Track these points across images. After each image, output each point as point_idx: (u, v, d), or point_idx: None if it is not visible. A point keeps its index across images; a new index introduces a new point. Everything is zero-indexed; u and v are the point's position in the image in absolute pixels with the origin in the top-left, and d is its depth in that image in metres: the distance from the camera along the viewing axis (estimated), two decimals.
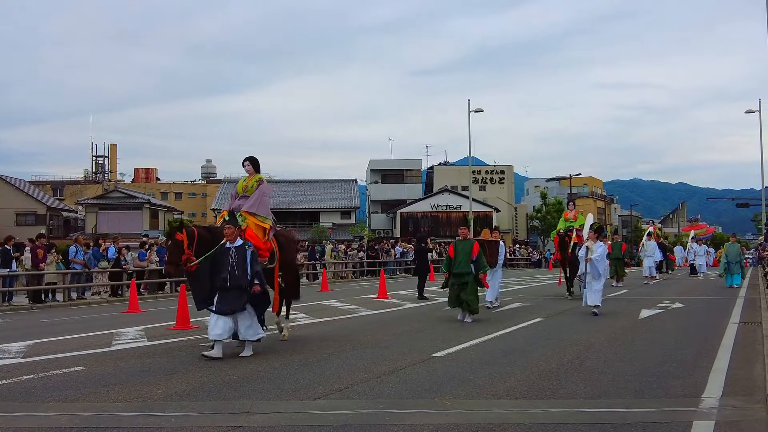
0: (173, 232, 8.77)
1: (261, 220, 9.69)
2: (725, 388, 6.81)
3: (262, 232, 9.64)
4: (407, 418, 5.66)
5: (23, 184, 60.77)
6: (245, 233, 9.29)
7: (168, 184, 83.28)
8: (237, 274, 8.62)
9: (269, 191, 10.17)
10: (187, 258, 8.70)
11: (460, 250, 12.92)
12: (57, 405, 6.30)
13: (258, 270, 8.81)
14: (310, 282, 29.26)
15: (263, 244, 9.55)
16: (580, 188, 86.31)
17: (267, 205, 9.92)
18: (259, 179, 10.01)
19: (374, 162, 69.72)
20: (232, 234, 8.80)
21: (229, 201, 10.11)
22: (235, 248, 8.76)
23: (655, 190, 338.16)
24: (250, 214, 9.65)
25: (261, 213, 9.73)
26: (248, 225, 9.51)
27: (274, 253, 9.79)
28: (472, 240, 13.39)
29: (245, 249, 8.79)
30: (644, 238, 27.74)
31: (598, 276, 13.75)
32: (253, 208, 9.68)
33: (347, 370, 7.83)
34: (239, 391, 6.82)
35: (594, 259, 13.70)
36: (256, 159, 10.16)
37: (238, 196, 9.95)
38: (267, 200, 9.96)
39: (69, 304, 19.71)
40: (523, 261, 49.68)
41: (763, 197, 43.69)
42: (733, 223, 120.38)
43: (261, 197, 9.81)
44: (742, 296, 18.85)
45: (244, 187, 9.98)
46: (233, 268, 8.62)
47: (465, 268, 12.73)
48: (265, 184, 10.02)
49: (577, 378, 7.33)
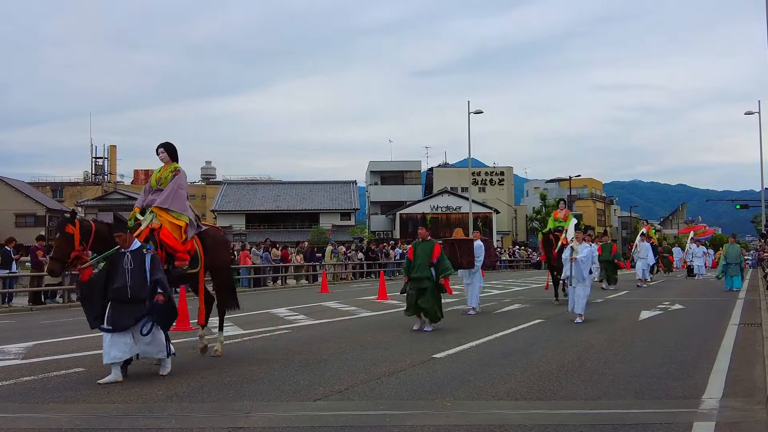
0: (64, 224, 7.61)
1: (175, 217, 8.40)
2: (725, 389, 6.81)
3: (179, 231, 8.36)
4: (407, 420, 5.65)
5: (23, 185, 60.78)
6: (159, 233, 8.15)
7: None
8: (133, 283, 7.41)
9: (186, 182, 8.85)
10: (77, 256, 7.58)
11: (419, 253, 11.78)
12: (57, 406, 6.30)
13: (159, 278, 7.52)
14: (310, 283, 29.31)
15: (181, 245, 8.29)
16: (580, 189, 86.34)
17: (183, 199, 8.61)
18: (174, 169, 8.73)
19: (374, 163, 69.72)
20: (125, 241, 7.54)
21: (142, 196, 8.81)
22: (131, 253, 7.53)
23: (654, 192, 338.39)
24: (163, 210, 8.38)
25: (175, 208, 8.44)
26: (162, 223, 8.27)
27: (197, 255, 8.57)
28: (433, 241, 12.06)
29: (143, 254, 7.56)
30: (637, 239, 26.57)
31: (582, 279, 12.78)
32: (167, 203, 8.41)
33: (347, 372, 7.83)
34: (239, 392, 6.81)
35: (579, 260, 12.76)
36: (172, 145, 8.88)
37: (152, 190, 8.69)
38: (183, 193, 8.64)
39: (69, 305, 19.69)
40: (522, 262, 49.66)
41: (762, 199, 43.69)
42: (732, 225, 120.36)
43: (176, 190, 8.53)
44: (742, 297, 18.86)
45: (158, 179, 8.68)
46: (129, 277, 7.41)
47: (424, 272, 11.58)
48: (181, 174, 8.74)
49: (578, 379, 7.33)
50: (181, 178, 8.69)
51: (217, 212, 59.51)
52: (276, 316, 14.45)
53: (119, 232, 7.61)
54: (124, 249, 7.53)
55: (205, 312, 9.03)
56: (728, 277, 22.43)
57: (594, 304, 16.51)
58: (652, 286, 24.80)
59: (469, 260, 14.30)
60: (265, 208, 59.57)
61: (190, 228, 8.51)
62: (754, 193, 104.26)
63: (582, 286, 12.75)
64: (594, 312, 14.79)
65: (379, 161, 70.39)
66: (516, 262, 48.21)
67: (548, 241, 16.87)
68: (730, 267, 22.42)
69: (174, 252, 8.20)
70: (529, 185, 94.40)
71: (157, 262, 7.65)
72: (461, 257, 14.01)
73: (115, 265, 7.50)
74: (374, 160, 70.12)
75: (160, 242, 8.10)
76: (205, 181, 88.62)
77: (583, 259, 12.77)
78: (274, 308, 16.37)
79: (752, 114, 42.24)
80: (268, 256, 27.92)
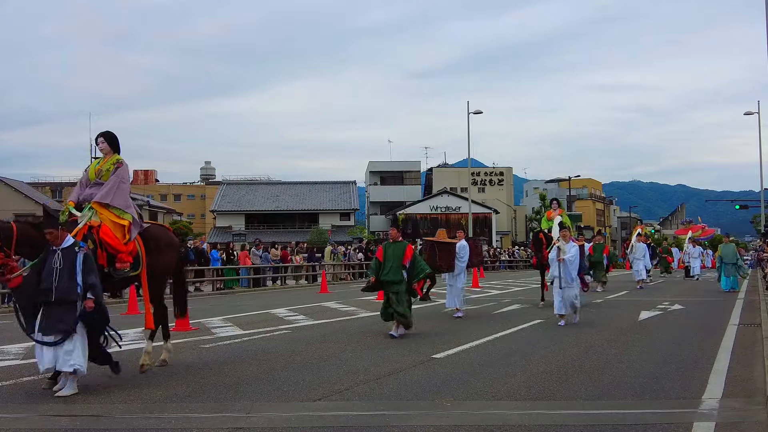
0: None
1: (118, 215, 7.64)
2: (725, 389, 6.82)
3: (122, 230, 7.62)
4: (407, 420, 5.66)
5: (22, 185, 60.68)
6: (99, 231, 7.43)
7: (167, 186, 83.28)
8: (60, 284, 6.72)
9: (128, 176, 8.09)
10: (2, 263, 6.85)
11: (390, 255, 10.99)
12: (57, 406, 6.30)
13: (92, 281, 6.83)
14: (310, 284, 29.33)
15: (123, 245, 7.55)
16: (580, 190, 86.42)
17: (126, 195, 7.84)
18: (116, 161, 7.92)
19: (373, 164, 69.73)
20: (56, 237, 6.85)
21: (77, 189, 8.01)
22: (61, 251, 6.83)
23: (654, 192, 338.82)
24: (104, 206, 7.63)
25: (117, 204, 7.68)
26: (102, 221, 7.55)
27: (139, 256, 7.81)
28: (405, 242, 11.37)
29: (75, 252, 6.86)
30: (633, 239, 25.65)
31: (571, 281, 12.09)
32: (107, 198, 7.64)
33: (347, 372, 7.83)
34: (239, 392, 6.81)
35: (567, 260, 12.07)
36: (114, 135, 8.08)
37: (90, 184, 7.91)
38: (126, 188, 7.88)
39: None
40: (522, 263, 49.67)
41: (762, 199, 43.72)
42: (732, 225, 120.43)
43: (118, 184, 7.76)
44: (741, 298, 18.86)
45: (98, 171, 7.89)
46: (56, 277, 6.72)
47: (395, 275, 10.82)
48: (123, 167, 7.93)
49: (577, 379, 7.34)
50: (124, 171, 7.93)
51: (217, 212, 59.55)
52: (276, 317, 14.45)
53: (50, 227, 6.93)
54: (55, 246, 6.86)
55: (152, 316, 8.18)
56: (725, 276, 22.15)
57: (594, 305, 16.52)
58: (651, 286, 24.79)
59: (449, 264, 13.58)
60: (264, 209, 59.60)
61: (133, 227, 7.77)
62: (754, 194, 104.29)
63: (570, 288, 12.10)
64: (594, 312, 14.80)
65: (378, 161, 70.41)
66: (515, 263, 48.20)
67: (539, 241, 16.32)
68: (726, 267, 22.09)
69: (116, 253, 7.47)
70: (528, 186, 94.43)
71: (91, 262, 6.95)
72: (440, 260, 13.39)
73: (44, 263, 6.86)
74: (374, 161, 70.16)
75: (100, 241, 7.38)
76: (204, 181, 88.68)
77: (571, 259, 12.14)
78: (273, 308, 16.37)
79: (752, 114, 42.32)
80: (267, 257, 27.93)
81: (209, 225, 65.79)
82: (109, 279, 7.49)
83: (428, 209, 62.17)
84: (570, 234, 13.08)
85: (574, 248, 12.38)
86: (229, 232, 54.45)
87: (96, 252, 7.25)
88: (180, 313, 8.94)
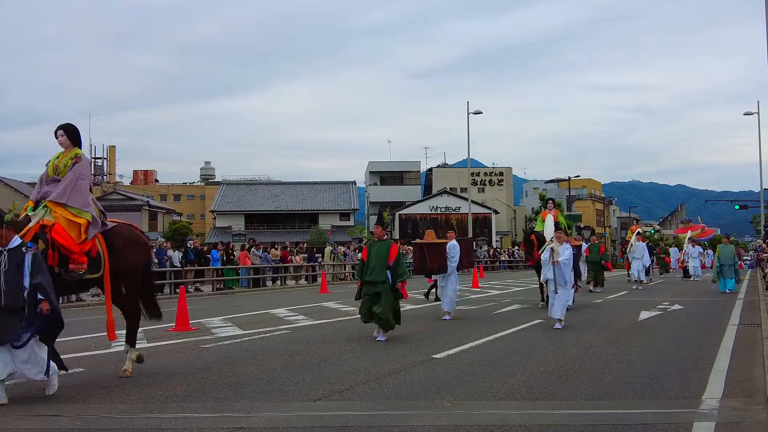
0: None
1: (74, 213, 7.13)
2: (725, 389, 6.82)
3: (77, 229, 7.10)
4: (408, 420, 5.66)
5: (22, 185, 60.70)
6: (51, 231, 6.96)
7: (167, 186, 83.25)
8: (8, 288, 6.40)
9: (88, 172, 7.59)
10: None
11: (374, 254, 10.56)
12: (57, 407, 6.30)
13: (40, 282, 6.44)
14: (310, 284, 29.36)
15: (77, 245, 7.03)
16: (579, 190, 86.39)
17: (84, 192, 7.32)
18: (75, 156, 7.42)
19: (373, 164, 69.74)
20: (2, 237, 6.46)
21: (37, 186, 7.57)
22: (7, 252, 6.46)
23: (653, 192, 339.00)
24: (58, 204, 7.15)
25: (74, 204, 7.18)
26: (55, 219, 7.09)
27: (100, 257, 7.30)
28: (389, 241, 10.94)
29: (22, 252, 6.50)
30: (633, 239, 25.03)
31: (564, 283, 11.75)
32: (63, 197, 7.17)
33: (347, 372, 7.83)
34: (239, 392, 6.81)
35: (561, 262, 11.68)
36: (74, 128, 7.57)
37: (48, 180, 7.44)
38: (84, 185, 7.35)
39: (68, 306, 19.68)
40: (522, 263, 49.65)
41: (762, 199, 43.75)
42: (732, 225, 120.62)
43: (75, 181, 7.26)
44: (741, 298, 18.86)
45: (56, 166, 7.43)
46: (2, 280, 6.40)
47: (378, 275, 10.37)
48: (82, 161, 7.45)
49: (577, 379, 7.34)
50: (82, 166, 7.43)
51: (217, 212, 59.55)
52: (276, 317, 14.45)
53: None
54: (1, 248, 6.49)
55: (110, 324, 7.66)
56: (722, 278, 21.81)
57: (594, 305, 16.54)
58: (651, 287, 24.79)
59: (440, 265, 13.33)
60: (264, 209, 59.60)
61: (91, 226, 7.23)
62: (753, 194, 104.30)
63: (564, 290, 11.78)
64: (593, 312, 14.82)
65: (378, 162, 70.43)
66: (515, 263, 48.19)
67: (530, 243, 16.02)
68: (724, 269, 21.78)
69: (69, 253, 6.97)
70: (528, 186, 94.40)
71: (40, 263, 6.54)
72: (431, 262, 13.18)
73: None
74: (373, 161, 70.18)
75: (52, 241, 6.93)
76: (204, 181, 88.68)
77: (565, 261, 11.74)
78: (273, 309, 16.37)
79: (751, 114, 42.35)
80: (267, 257, 27.93)
81: (209, 225, 65.80)
82: (61, 281, 6.96)
83: (428, 209, 62.15)
84: (565, 235, 12.62)
85: (568, 250, 11.97)
86: (229, 233, 54.48)
87: (47, 253, 6.81)
88: (152, 315, 8.44)
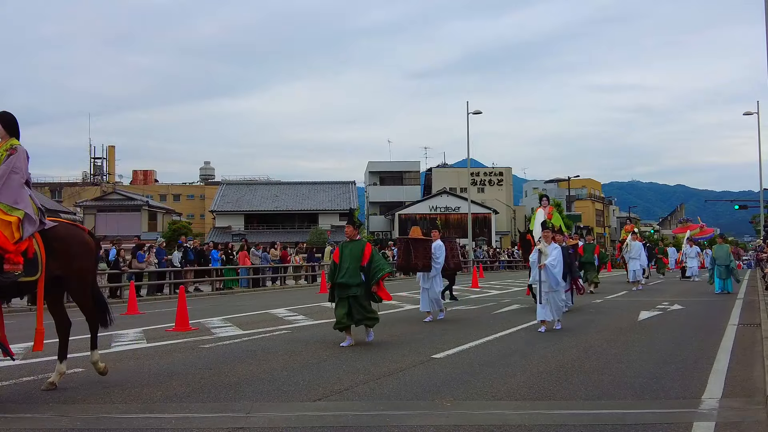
0: None
1: (5, 211, 6.53)
2: (725, 389, 6.82)
3: (10, 227, 6.51)
4: (407, 420, 5.66)
5: None
6: None
7: (166, 186, 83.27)
8: None
9: (24, 164, 6.83)
10: None
11: (347, 255, 10.04)
12: (56, 407, 6.29)
13: None
14: (309, 284, 29.37)
15: (12, 245, 6.47)
16: (579, 190, 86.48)
17: (18, 187, 6.69)
18: (10, 147, 6.81)
19: (373, 164, 69.76)
20: None
21: None
22: None
23: (653, 192, 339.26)
24: None
25: (5, 200, 6.57)
26: None
27: (36, 259, 6.70)
28: (363, 241, 10.42)
29: None
30: (629, 238, 24.43)
31: (556, 285, 11.21)
32: None
33: (347, 372, 7.83)
34: (239, 392, 6.81)
35: (548, 264, 11.08)
36: (10, 115, 6.94)
37: None
38: (18, 179, 6.70)
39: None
40: (521, 263, 49.67)
41: (761, 199, 43.79)
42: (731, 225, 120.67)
43: (8, 174, 6.64)
44: (741, 298, 18.86)
45: None
46: None
47: (353, 278, 9.85)
48: (18, 153, 6.79)
49: (577, 379, 7.34)
50: (18, 158, 6.75)
51: (216, 212, 59.56)
52: (275, 317, 14.46)
53: None
54: None
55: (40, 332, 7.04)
56: (718, 278, 21.49)
57: (594, 305, 16.55)
58: (650, 287, 24.78)
59: (425, 263, 12.91)
60: (264, 209, 59.62)
61: (27, 224, 6.62)
62: (753, 194, 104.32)
63: (555, 293, 11.31)
64: (594, 312, 14.83)
65: (378, 162, 70.45)
66: (515, 263, 48.20)
67: (526, 243, 15.45)
68: (719, 269, 21.43)
69: (3, 253, 6.42)
70: (528, 186, 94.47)
71: None
72: (416, 258, 12.82)
73: None
74: (373, 161, 70.20)
75: None
76: (203, 181, 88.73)
77: (553, 263, 11.14)
78: (273, 308, 16.38)
79: (751, 114, 42.39)
80: (267, 257, 27.94)
81: (209, 225, 65.84)
82: None
83: (428, 209, 62.16)
84: (553, 233, 11.87)
85: (556, 250, 11.34)
86: (229, 233, 54.50)
87: None
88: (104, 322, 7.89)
